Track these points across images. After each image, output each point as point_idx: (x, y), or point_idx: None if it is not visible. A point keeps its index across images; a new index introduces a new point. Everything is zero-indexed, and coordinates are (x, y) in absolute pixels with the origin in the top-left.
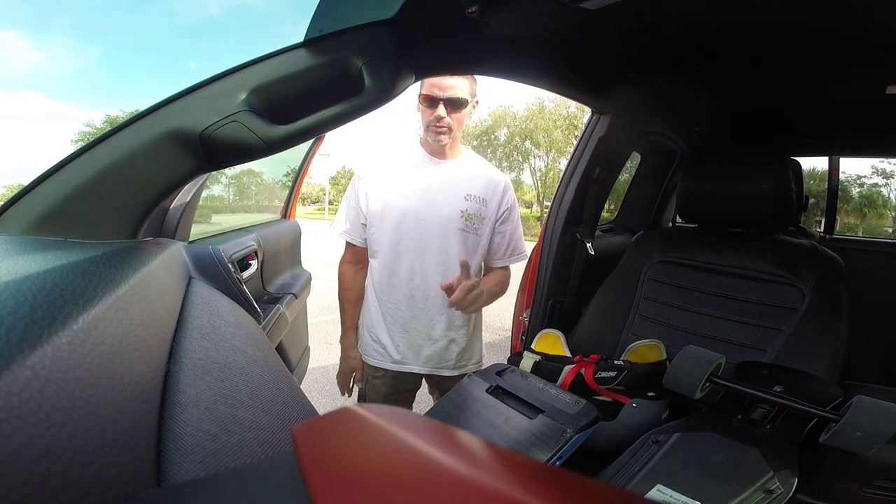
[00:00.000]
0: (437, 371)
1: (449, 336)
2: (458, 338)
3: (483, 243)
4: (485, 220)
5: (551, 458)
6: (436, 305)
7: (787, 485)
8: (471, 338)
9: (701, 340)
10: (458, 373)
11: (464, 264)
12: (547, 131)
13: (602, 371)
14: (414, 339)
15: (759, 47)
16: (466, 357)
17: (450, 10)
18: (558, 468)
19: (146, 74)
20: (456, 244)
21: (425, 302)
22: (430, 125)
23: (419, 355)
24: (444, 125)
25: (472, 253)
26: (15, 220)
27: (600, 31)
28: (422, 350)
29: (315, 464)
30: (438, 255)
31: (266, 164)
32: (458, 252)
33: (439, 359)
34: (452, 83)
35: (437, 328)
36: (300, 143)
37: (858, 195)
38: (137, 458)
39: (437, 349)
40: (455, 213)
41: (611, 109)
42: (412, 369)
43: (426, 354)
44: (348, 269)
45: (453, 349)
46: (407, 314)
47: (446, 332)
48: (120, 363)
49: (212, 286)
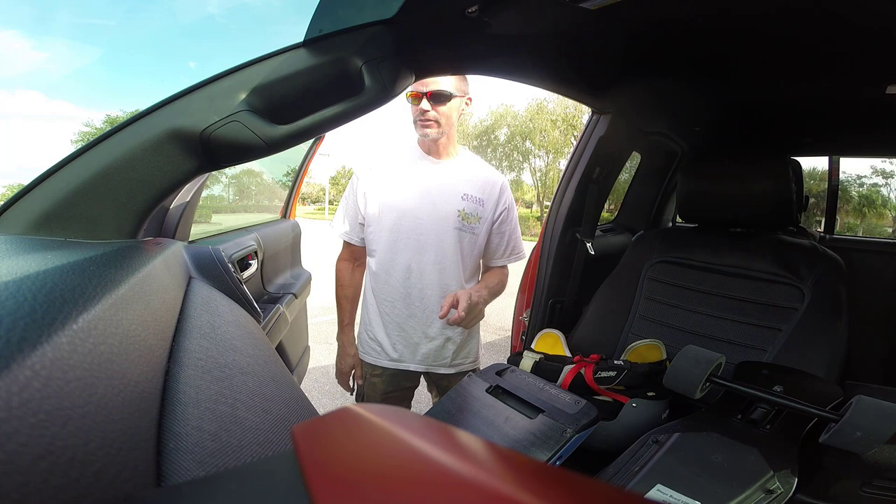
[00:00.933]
0: (434, 369)
1: (445, 334)
2: (455, 336)
3: (480, 243)
4: (482, 219)
5: (551, 458)
6: (432, 304)
7: (786, 484)
8: (467, 336)
9: (701, 340)
10: (454, 371)
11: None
12: (546, 131)
13: (602, 371)
14: (410, 338)
15: (759, 47)
16: (462, 355)
17: (450, 10)
18: (558, 468)
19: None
20: (453, 243)
21: (421, 301)
22: (417, 120)
23: (416, 353)
24: (428, 118)
25: (468, 252)
26: (15, 219)
27: (600, 31)
28: (418, 348)
29: (315, 463)
30: (435, 254)
31: (266, 164)
32: (455, 251)
33: (435, 356)
34: (436, 78)
35: (433, 326)
36: (300, 142)
37: (858, 195)
38: (137, 458)
39: (434, 347)
40: (452, 213)
41: (611, 109)
42: (409, 367)
43: (423, 352)
44: (345, 267)
45: (449, 347)
46: (403, 312)
47: (442, 330)
48: (120, 363)
49: (212, 286)
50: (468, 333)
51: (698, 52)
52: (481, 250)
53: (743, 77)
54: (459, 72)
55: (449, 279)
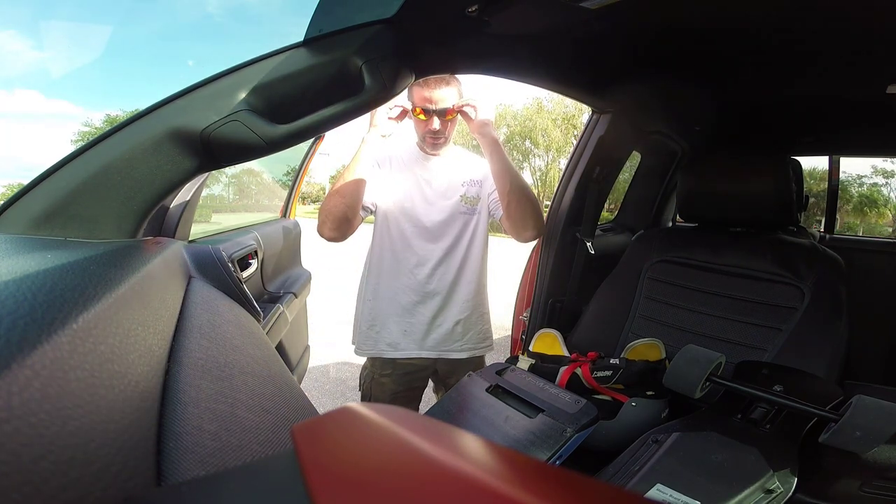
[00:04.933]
0: (446, 354)
1: (455, 318)
2: (463, 318)
3: (484, 217)
4: (480, 198)
5: (551, 458)
6: (441, 288)
7: (786, 484)
8: (476, 318)
9: (701, 340)
10: (466, 355)
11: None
12: (547, 130)
13: (598, 370)
14: (420, 326)
15: (759, 46)
16: (474, 338)
17: (450, 9)
18: (558, 467)
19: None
20: (459, 227)
21: (431, 288)
22: (427, 136)
23: (426, 340)
24: (440, 136)
25: (474, 231)
26: (15, 219)
27: (600, 31)
28: (428, 334)
29: (315, 463)
30: (443, 241)
31: (266, 164)
32: (462, 234)
33: (445, 340)
34: (441, 96)
35: (443, 311)
36: (300, 142)
37: (858, 194)
38: (137, 458)
39: (443, 332)
40: (457, 200)
41: (611, 108)
42: (420, 355)
43: (433, 338)
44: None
45: (458, 330)
46: (413, 300)
47: (451, 314)
48: (120, 363)
49: (212, 285)
50: (477, 315)
51: (699, 51)
52: (486, 224)
53: (743, 76)
54: (459, 71)
55: (458, 262)
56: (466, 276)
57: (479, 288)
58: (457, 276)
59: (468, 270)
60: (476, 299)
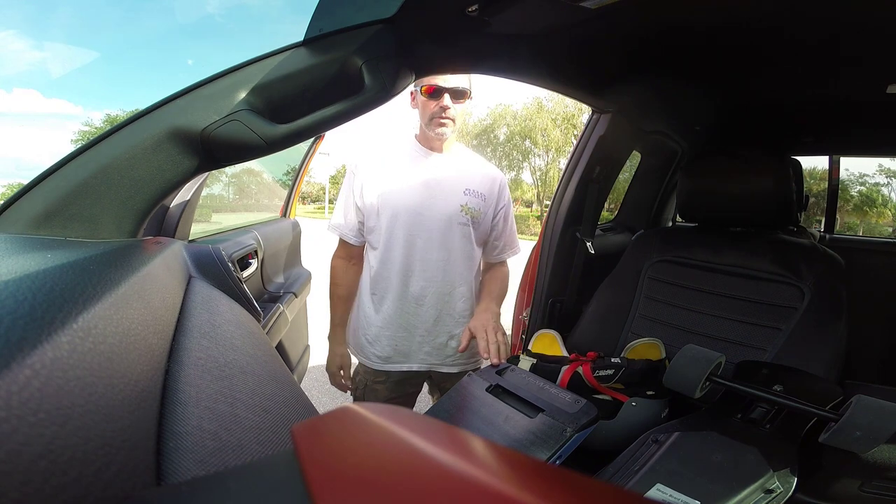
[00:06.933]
0: (437, 368)
1: (448, 332)
2: (458, 333)
3: (482, 238)
4: (484, 215)
5: (551, 457)
6: (435, 301)
7: (786, 484)
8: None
9: (701, 339)
10: (457, 369)
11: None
12: (547, 130)
13: (599, 370)
14: (413, 337)
15: (759, 46)
16: (467, 354)
17: (450, 9)
18: (558, 467)
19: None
20: (456, 238)
21: (425, 298)
22: (435, 116)
23: (418, 352)
24: (449, 116)
25: (472, 247)
26: (15, 218)
27: (600, 30)
28: (421, 347)
29: (315, 463)
30: (439, 251)
31: (266, 163)
32: (459, 246)
33: (437, 355)
34: (453, 75)
35: (436, 324)
36: (300, 141)
37: (859, 194)
38: (137, 458)
39: (436, 345)
40: (455, 208)
41: (611, 108)
42: (412, 367)
43: (425, 351)
44: (340, 264)
45: (451, 345)
46: (406, 310)
47: (445, 327)
48: (120, 362)
49: (212, 285)
50: None
51: (699, 51)
52: (483, 245)
53: (743, 77)
54: (459, 70)
55: (453, 275)
56: (461, 290)
57: (474, 303)
58: (451, 290)
59: (463, 285)
60: (470, 314)
